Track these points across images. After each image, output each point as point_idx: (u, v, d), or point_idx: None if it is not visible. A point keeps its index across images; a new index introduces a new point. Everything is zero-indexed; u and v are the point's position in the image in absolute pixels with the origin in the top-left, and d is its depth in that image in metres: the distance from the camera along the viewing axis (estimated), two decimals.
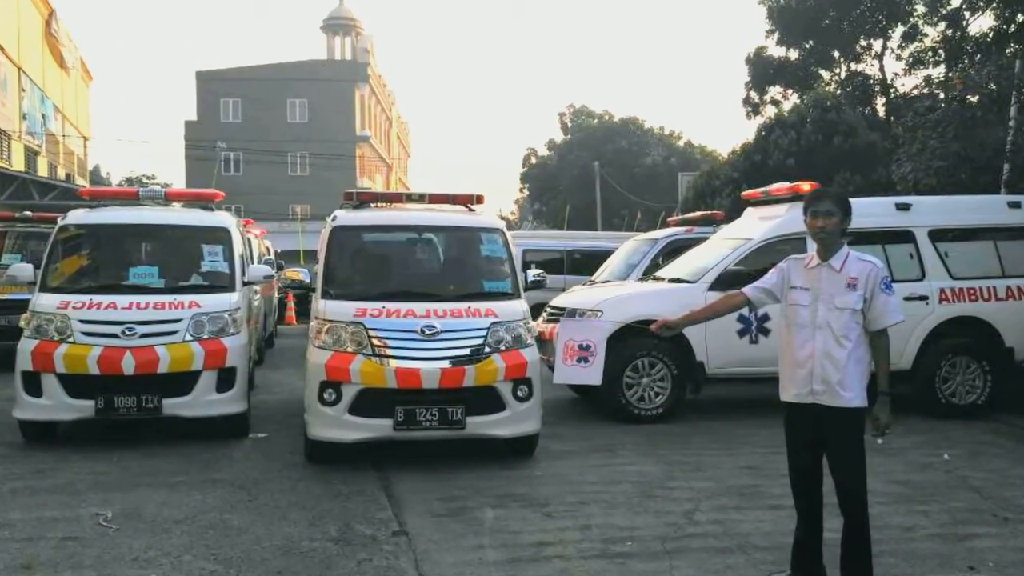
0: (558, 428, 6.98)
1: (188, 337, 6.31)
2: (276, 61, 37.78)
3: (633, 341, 7.18)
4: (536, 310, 7.50)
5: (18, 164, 19.09)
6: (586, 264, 13.52)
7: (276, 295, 10.50)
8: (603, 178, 32.31)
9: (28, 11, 19.05)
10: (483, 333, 5.81)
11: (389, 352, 5.65)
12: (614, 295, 8.01)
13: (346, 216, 6.71)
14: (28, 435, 6.38)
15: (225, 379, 6.40)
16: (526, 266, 11.21)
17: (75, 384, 6.13)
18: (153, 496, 5.10)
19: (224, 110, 36.14)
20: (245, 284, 7.32)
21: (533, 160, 41.06)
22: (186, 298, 6.52)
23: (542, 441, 6.23)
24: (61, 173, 24.53)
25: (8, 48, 16.94)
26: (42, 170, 20.82)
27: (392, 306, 5.88)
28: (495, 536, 4.45)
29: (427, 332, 5.72)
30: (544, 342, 7.42)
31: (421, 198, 6.89)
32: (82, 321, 6.22)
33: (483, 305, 6.03)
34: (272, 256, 14.02)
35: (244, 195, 30.16)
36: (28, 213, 11.42)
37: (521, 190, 42.54)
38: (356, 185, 32.20)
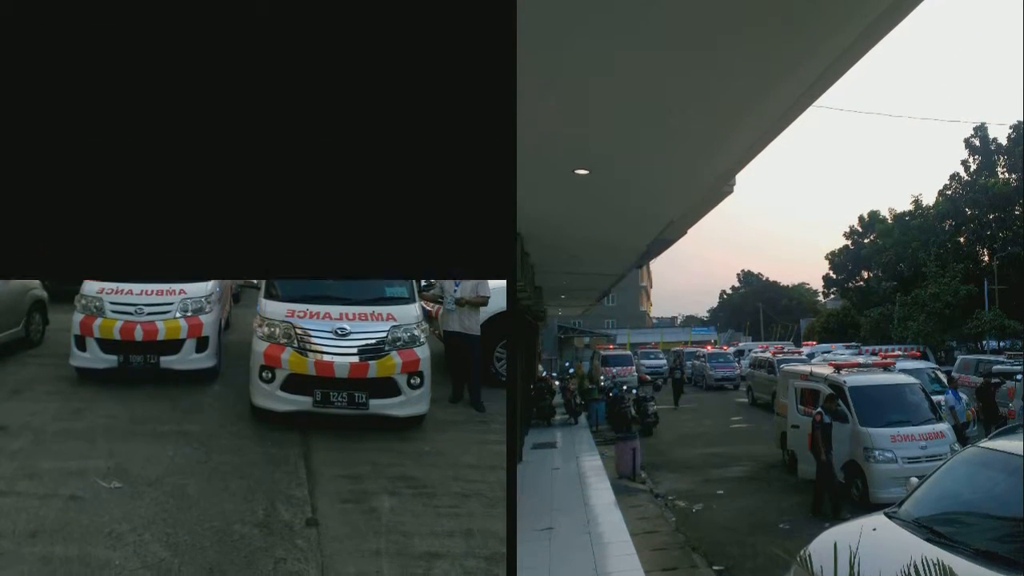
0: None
1: (177, 315, 8.52)
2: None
3: None
4: None
5: None
6: None
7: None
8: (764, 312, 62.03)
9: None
10: (384, 334, 7.33)
11: (310, 346, 7.27)
12: None
13: None
14: (81, 376, 8.84)
15: (202, 344, 8.61)
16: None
17: (105, 344, 8.50)
18: (141, 449, 6.81)
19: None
20: None
21: (724, 296, 74.25)
22: (176, 286, 8.75)
23: (430, 408, 7.69)
24: None
25: None
26: None
27: (314, 308, 7.42)
28: (391, 537, 5.55)
29: (340, 333, 7.24)
30: None
31: None
32: (111, 303, 8.57)
33: (384, 309, 7.51)
34: None
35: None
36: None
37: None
38: (638, 309, 78.32)
